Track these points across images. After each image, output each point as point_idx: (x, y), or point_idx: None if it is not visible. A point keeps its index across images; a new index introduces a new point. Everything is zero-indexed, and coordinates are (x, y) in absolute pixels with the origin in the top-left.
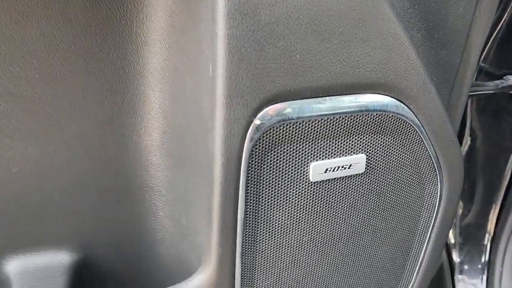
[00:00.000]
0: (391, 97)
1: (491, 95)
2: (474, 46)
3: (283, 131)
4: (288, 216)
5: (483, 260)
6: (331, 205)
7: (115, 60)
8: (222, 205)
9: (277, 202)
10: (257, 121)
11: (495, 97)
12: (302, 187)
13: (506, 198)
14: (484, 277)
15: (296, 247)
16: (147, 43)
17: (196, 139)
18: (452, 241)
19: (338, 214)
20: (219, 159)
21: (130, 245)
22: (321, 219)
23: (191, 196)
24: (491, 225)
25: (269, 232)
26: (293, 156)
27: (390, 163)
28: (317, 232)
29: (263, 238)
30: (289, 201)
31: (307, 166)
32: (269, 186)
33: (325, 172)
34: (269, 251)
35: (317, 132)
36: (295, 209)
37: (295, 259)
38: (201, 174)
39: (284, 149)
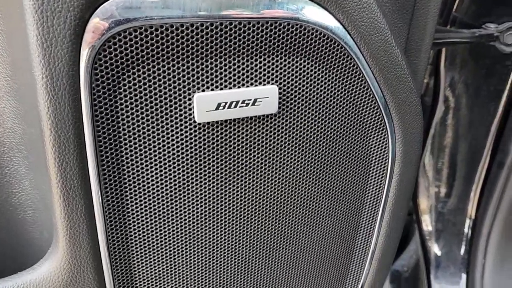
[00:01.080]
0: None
1: (468, 51)
2: None
3: (143, 40)
4: (168, 176)
5: (462, 251)
6: (233, 162)
7: None
8: (58, 153)
9: (149, 154)
10: (95, 20)
11: (473, 53)
12: (184, 132)
13: (488, 176)
14: (464, 275)
15: (191, 221)
16: None
17: (29, 63)
18: (429, 228)
19: (244, 175)
20: (40, 79)
21: None
22: (220, 182)
23: (41, 151)
24: (472, 209)
25: (145, 198)
26: (164, 83)
27: (315, 101)
28: (217, 199)
29: (136, 207)
30: (167, 153)
31: (188, 99)
32: (132, 128)
33: (217, 109)
34: (150, 226)
35: (198, 45)
36: (177, 165)
37: (192, 240)
38: (35, 111)
39: (149, 70)
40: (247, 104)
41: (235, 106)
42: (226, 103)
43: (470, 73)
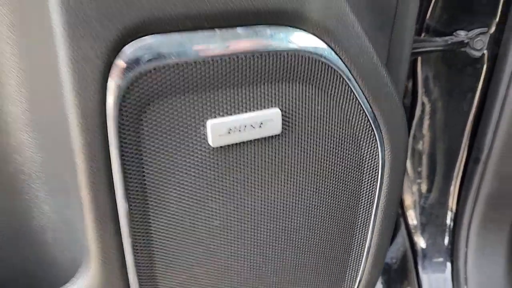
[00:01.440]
0: (305, 31)
1: (442, 56)
2: None
3: (162, 77)
4: (187, 196)
5: (446, 241)
6: (244, 180)
7: None
8: (90, 182)
9: (169, 178)
10: (120, 62)
11: (446, 58)
12: (200, 156)
13: (465, 171)
14: (449, 263)
15: (208, 235)
16: None
17: (52, 99)
18: (414, 222)
19: (254, 190)
20: (74, 119)
21: (16, 250)
22: (233, 198)
23: (66, 178)
24: (452, 202)
25: (167, 217)
26: (181, 113)
27: (313, 120)
28: (231, 214)
29: (159, 225)
30: (186, 176)
31: (202, 126)
32: (154, 156)
33: (229, 133)
34: (172, 242)
35: (210, 78)
36: (195, 186)
37: (210, 250)
38: (64, 146)
39: (167, 103)
40: (254, 127)
41: (244, 130)
42: (236, 127)
43: (444, 76)
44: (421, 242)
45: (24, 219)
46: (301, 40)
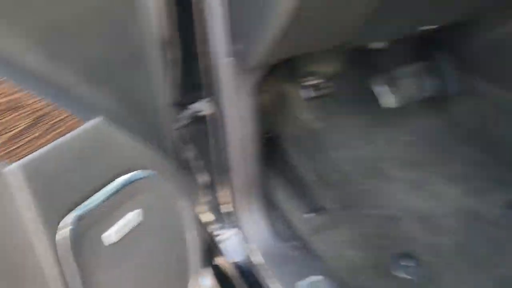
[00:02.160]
0: (142, 169)
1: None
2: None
3: (83, 222)
4: (109, 272)
5: (231, 220)
6: (128, 252)
7: None
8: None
9: (96, 269)
10: (65, 223)
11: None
12: (104, 251)
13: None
14: (238, 231)
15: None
16: None
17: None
18: (209, 220)
19: (139, 252)
20: (50, 253)
21: None
22: (131, 261)
23: None
24: (225, 203)
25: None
26: (92, 237)
27: (154, 205)
28: (132, 270)
29: None
30: (101, 261)
31: (100, 238)
32: (88, 263)
33: (117, 233)
34: None
35: (104, 211)
36: (110, 266)
37: None
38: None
39: (85, 235)
40: (129, 223)
41: (123, 228)
42: (120, 229)
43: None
44: (213, 230)
45: None
46: (139, 174)
